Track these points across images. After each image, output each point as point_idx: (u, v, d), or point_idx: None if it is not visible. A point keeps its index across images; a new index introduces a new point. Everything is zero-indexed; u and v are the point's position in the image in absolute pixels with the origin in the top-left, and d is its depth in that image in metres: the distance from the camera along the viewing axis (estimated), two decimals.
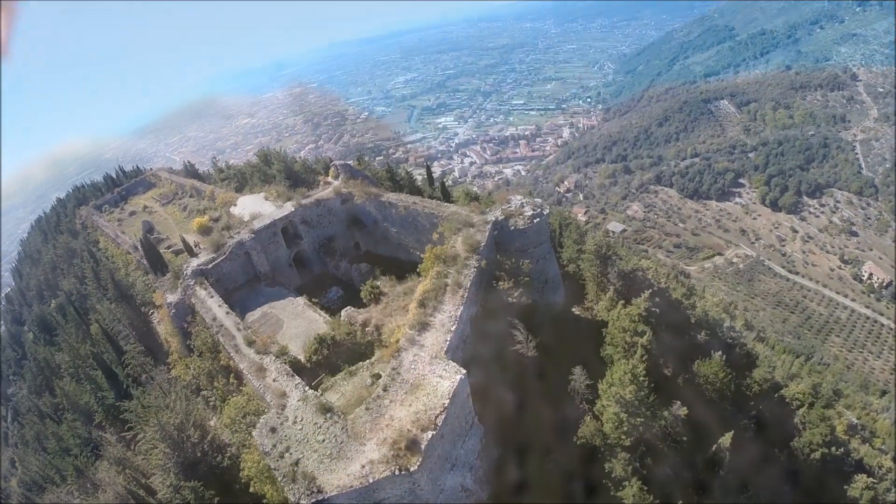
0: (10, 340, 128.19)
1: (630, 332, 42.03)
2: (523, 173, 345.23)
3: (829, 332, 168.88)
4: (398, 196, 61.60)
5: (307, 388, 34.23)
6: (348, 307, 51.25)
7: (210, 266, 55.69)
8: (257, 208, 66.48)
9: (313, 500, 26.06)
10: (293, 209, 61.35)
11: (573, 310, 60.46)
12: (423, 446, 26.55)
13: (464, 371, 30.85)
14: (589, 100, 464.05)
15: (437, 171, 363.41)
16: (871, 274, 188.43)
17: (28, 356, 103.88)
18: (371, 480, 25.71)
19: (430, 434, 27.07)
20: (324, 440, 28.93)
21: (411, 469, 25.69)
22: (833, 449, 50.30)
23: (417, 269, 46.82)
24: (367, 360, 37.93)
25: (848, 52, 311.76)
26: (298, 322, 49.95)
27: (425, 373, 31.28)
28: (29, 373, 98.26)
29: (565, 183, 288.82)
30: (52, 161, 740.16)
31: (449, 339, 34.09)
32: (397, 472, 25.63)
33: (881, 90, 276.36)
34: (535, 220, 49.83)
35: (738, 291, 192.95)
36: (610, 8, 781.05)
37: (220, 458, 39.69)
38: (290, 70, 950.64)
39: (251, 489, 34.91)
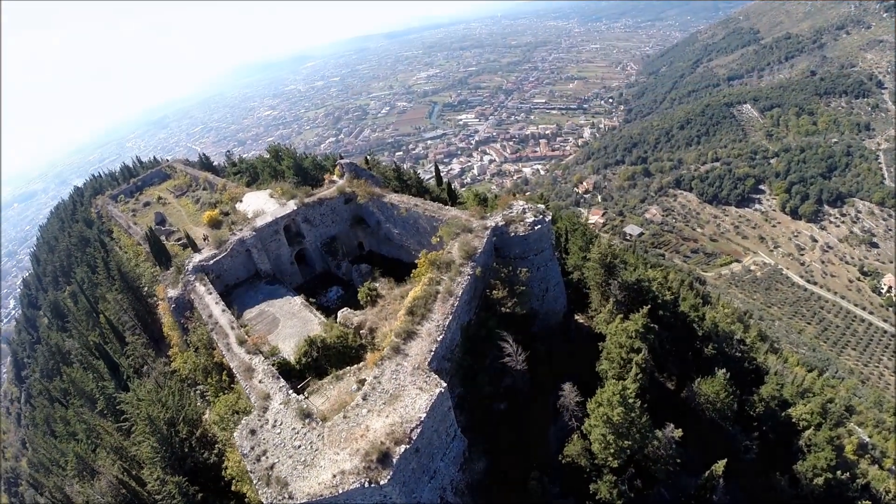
0: (25, 324, 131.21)
1: (626, 349, 41.14)
2: (542, 173, 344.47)
3: (846, 344, 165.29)
4: (400, 197, 61.21)
5: (290, 391, 34.15)
6: (345, 308, 51.10)
7: (211, 262, 56.01)
8: (261, 205, 66.71)
9: None
10: (295, 208, 61.33)
11: (576, 317, 59.78)
12: (394, 460, 26.28)
13: (444, 384, 30.42)
14: (611, 100, 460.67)
15: (455, 167, 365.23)
16: (890, 287, 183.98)
17: (41, 340, 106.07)
18: (341, 490, 25.53)
19: (402, 448, 26.75)
20: (300, 446, 28.87)
21: (381, 482, 25.45)
22: (839, 473, 48.92)
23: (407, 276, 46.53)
24: (355, 366, 37.75)
25: (874, 58, 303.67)
26: (294, 322, 49.95)
27: (406, 384, 30.92)
28: (42, 357, 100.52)
29: (584, 184, 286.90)
30: (75, 148, 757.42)
31: (434, 349, 33.65)
32: (367, 485, 25.42)
33: None
34: (536, 227, 48.84)
35: (755, 300, 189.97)
36: (634, 8, 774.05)
37: (207, 455, 40.08)
38: (312, 63, 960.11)
39: (233, 488, 35.18)
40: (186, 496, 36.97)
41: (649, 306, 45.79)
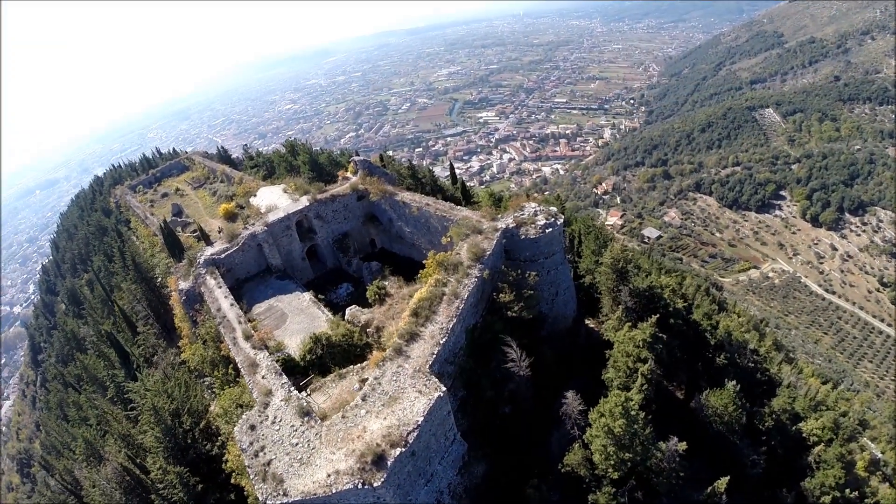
0: (43, 309, 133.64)
1: (633, 358, 40.52)
2: (562, 172, 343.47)
3: (862, 356, 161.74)
4: (412, 196, 61.03)
5: (292, 388, 34.27)
6: (353, 306, 51.18)
7: (223, 256, 56.41)
8: (275, 200, 67.02)
9: (277, 503, 26.19)
10: (308, 204, 61.49)
11: (588, 322, 59.18)
12: (389, 462, 26.22)
13: (443, 389, 30.23)
14: (632, 101, 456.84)
15: (475, 165, 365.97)
16: None
17: (58, 326, 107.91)
18: (334, 490, 25.62)
19: (398, 451, 26.68)
20: (297, 444, 29.01)
21: (375, 485, 25.43)
22: (847, 491, 47.87)
23: (418, 274, 46.34)
24: (358, 365, 37.72)
25: None
26: (301, 318, 50.09)
27: (405, 386, 30.82)
28: (57, 342, 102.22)
29: (603, 185, 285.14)
30: (98, 137, 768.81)
31: (437, 352, 33.45)
32: (360, 486, 25.43)
33: None
34: (547, 230, 48.31)
35: (772, 307, 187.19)
36: (658, 9, 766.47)
37: (209, 447, 40.48)
38: (334, 58, 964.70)
39: (232, 481, 35.47)
40: (187, 486, 37.44)
41: (658, 315, 44.98)
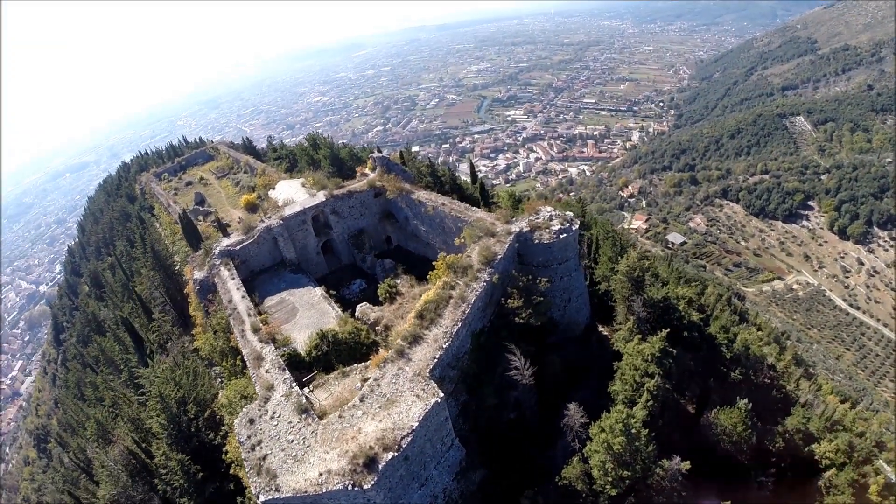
0: (67, 290, 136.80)
1: (641, 372, 39.70)
2: (588, 174, 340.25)
3: (884, 375, 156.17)
4: (428, 195, 60.80)
5: (293, 384, 34.35)
6: (363, 303, 51.26)
7: (238, 247, 57.01)
8: (292, 194, 67.50)
9: (269, 498, 26.45)
10: (324, 199, 61.74)
11: (601, 329, 58.40)
12: (380, 466, 26.17)
13: (441, 395, 30.00)
14: (661, 104, 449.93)
15: (501, 163, 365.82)
16: None
17: (80, 307, 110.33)
18: (324, 490, 25.75)
19: (390, 455, 26.58)
20: (293, 441, 29.18)
21: (364, 487, 25.43)
22: None
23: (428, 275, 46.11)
24: (362, 364, 37.72)
25: None
26: (311, 313, 50.35)
27: (404, 389, 30.67)
28: (79, 323, 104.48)
29: (629, 188, 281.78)
30: (127, 123, 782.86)
31: (438, 356, 33.20)
32: (350, 487, 25.48)
33: None
34: (561, 236, 47.67)
35: (794, 320, 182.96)
36: (691, 11, 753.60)
37: (212, 436, 41.02)
38: (364, 51, 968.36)
39: (231, 471, 35.87)
40: (188, 474, 38.14)
41: (669, 329, 43.97)
